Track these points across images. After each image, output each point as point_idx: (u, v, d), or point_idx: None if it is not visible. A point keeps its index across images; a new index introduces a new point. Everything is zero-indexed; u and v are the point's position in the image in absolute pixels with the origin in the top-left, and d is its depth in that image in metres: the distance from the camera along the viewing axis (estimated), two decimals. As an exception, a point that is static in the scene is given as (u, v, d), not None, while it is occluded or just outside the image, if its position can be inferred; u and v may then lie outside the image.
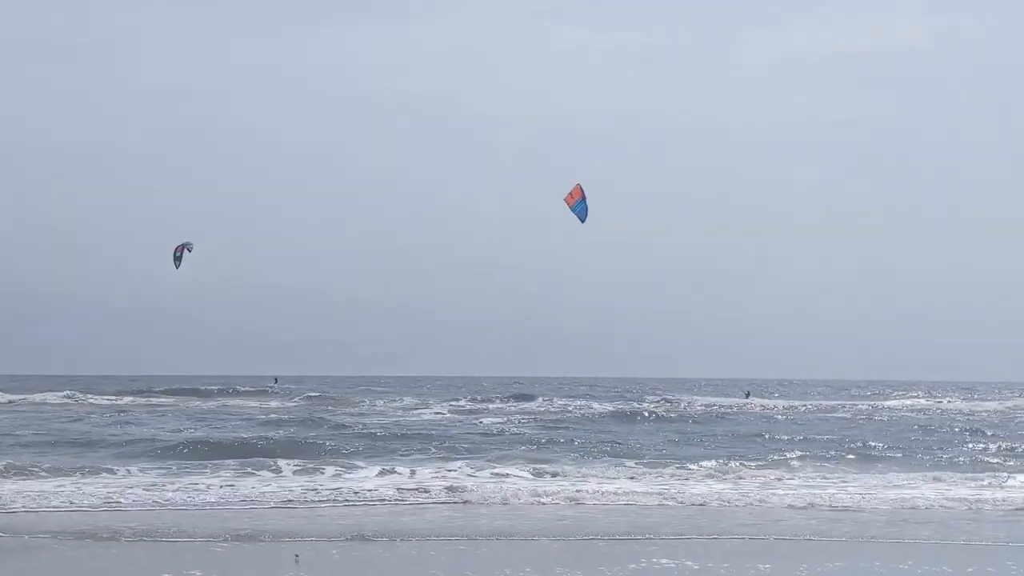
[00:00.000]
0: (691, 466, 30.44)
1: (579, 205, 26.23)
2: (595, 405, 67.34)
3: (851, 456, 34.20)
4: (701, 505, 23.22)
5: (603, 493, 24.51)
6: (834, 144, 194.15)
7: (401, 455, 33.02)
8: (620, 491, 24.79)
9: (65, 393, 72.00)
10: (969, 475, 29.72)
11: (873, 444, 38.29)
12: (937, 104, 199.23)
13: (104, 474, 27.27)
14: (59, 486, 24.23)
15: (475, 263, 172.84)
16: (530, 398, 77.82)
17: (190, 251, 32.64)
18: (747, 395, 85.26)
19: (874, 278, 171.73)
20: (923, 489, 26.14)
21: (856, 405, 75.40)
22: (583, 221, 26.36)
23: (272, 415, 53.89)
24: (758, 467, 30.79)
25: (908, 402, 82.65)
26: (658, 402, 75.50)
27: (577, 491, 24.52)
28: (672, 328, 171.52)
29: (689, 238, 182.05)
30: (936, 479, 28.38)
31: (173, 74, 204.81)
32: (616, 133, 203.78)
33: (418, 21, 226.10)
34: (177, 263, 31.69)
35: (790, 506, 23.18)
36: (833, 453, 34.60)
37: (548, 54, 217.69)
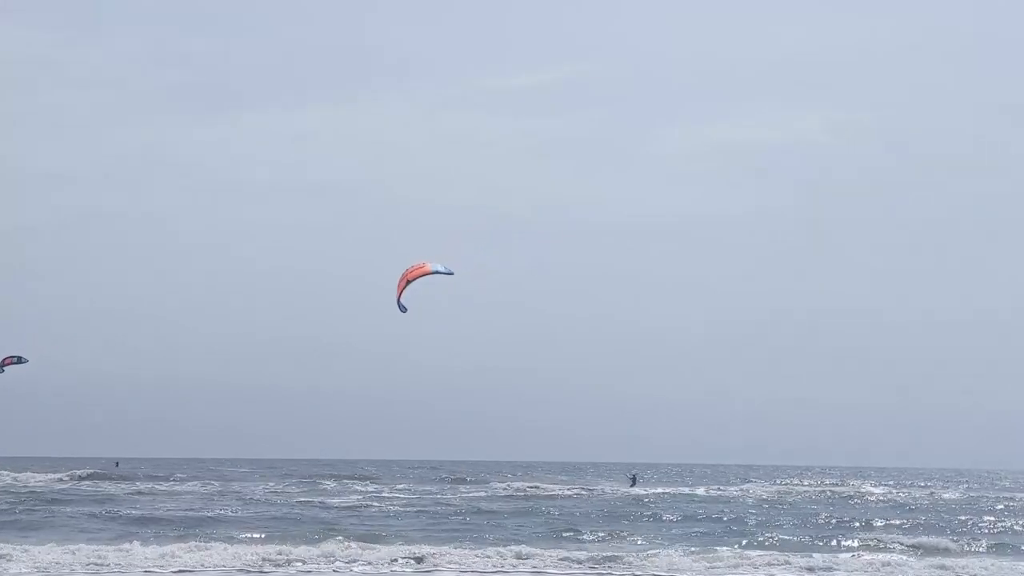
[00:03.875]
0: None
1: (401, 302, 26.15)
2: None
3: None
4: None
5: None
6: (738, 235, 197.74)
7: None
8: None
9: None
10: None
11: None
12: (835, 195, 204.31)
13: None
14: None
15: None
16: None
17: (25, 362, 35.00)
18: (632, 482, 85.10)
19: (771, 368, 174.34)
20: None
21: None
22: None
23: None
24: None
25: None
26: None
27: None
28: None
29: (598, 322, 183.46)
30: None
31: (63, 157, 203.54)
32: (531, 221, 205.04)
33: (325, 111, 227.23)
34: (1, 370, 34.21)
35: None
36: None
37: (458, 143, 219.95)
